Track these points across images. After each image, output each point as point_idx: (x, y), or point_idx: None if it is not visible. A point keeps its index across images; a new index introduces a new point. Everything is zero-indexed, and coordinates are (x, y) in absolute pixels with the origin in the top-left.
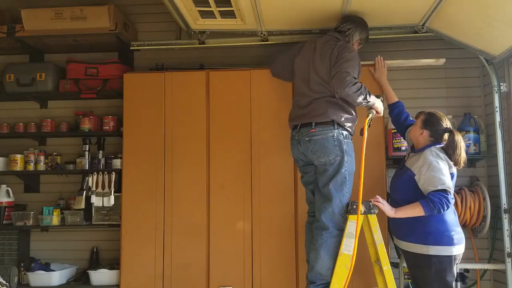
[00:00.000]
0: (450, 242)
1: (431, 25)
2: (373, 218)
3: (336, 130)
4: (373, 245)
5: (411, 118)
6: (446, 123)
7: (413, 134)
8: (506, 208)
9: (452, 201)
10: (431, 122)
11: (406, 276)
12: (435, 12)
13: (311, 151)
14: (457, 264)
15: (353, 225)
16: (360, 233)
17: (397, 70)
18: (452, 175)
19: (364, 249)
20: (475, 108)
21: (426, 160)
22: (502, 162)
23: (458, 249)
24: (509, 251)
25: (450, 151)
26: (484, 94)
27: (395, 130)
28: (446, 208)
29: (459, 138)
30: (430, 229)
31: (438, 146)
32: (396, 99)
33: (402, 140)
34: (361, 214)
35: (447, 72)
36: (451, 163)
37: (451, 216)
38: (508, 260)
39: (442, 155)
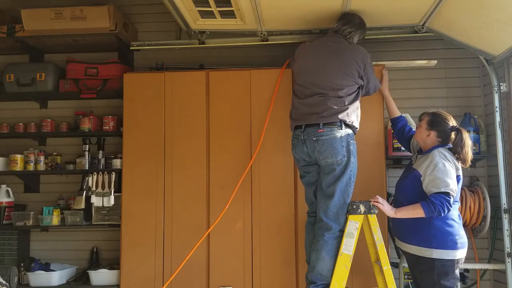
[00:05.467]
0: (454, 246)
1: (431, 25)
2: (373, 218)
3: (343, 130)
4: (373, 245)
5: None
6: (452, 122)
7: (419, 136)
8: (506, 208)
9: (457, 205)
10: (437, 122)
11: (406, 276)
12: (435, 12)
13: (318, 151)
14: (459, 267)
15: (353, 225)
16: (360, 233)
17: (397, 70)
18: (458, 178)
19: (364, 249)
20: (475, 108)
21: (433, 161)
22: (502, 162)
23: (461, 253)
24: (509, 251)
25: (458, 149)
26: (484, 94)
27: None
28: (446, 211)
29: (466, 136)
30: (434, 232)
31: (446, 147)
32: (399, 113)
33: None
34: (361, 214)
35: (447, 72)
36: (458, 165)
37: (456, 220)
38: (508, 260)
39: (450, 157)
